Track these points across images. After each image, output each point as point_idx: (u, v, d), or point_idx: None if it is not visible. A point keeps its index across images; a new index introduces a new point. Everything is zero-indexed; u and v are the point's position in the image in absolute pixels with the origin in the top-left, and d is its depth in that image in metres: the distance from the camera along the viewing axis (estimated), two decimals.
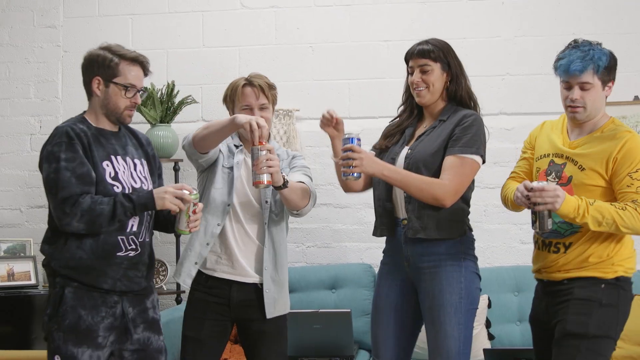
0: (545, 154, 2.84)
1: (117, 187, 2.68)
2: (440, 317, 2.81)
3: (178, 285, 4.48)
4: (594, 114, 2.75)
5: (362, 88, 4.70)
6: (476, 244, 2.97)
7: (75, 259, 2.62)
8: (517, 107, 4.53)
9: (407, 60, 2.99)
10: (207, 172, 3.04)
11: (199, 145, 2.90)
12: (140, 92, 2.76)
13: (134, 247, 2.70)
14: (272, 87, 3.04)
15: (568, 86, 2.73)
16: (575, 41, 2.76)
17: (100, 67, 2.69)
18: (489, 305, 4.17)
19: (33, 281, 4.52)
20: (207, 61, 4.79)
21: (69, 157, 2.59)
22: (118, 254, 2.66)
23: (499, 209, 4.31)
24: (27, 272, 4.51)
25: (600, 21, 4.45)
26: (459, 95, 2.94)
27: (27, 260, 4.56)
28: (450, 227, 2.85)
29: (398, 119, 3.08)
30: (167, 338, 2.90)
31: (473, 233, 2.97)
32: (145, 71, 2.77)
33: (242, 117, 2.75)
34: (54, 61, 4.89)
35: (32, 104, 4.91)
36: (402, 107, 3.08)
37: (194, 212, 2.66)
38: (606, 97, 2.78)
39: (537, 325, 2.89)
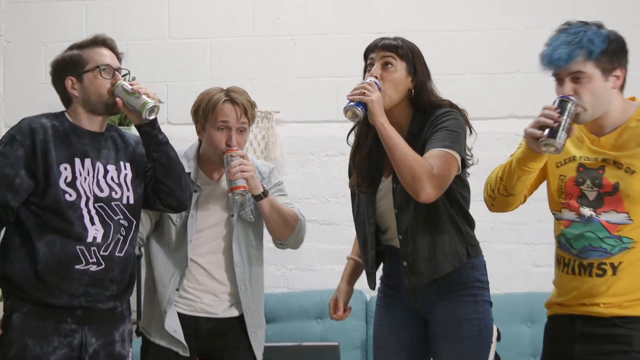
0: (569, 158, 2.46)
1: (70, 195, 2.57)
2: (462, 351, 2.73)
3: (137, 314, 4.28)
4: (599, 111, 2.38)
5: (352, 87, 4.42)
6: None
7: (28, 270, 2.55)
8: (529, 110, 4.20)
9: (366, 55, 2.77)
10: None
11: None
12: (121, 71, 2.73)
13: (95, 260, 2.59)
14: (253, 105, 2.98)
15: (559, 79, 2.43)
16: (567, 23, 2.42)
17: (66, 67, 2.70)
18: (499, 338, 3.76)
19: None
20: (173, 55, 4.72)
21: (4, 153, 2.60)
22: (76, 266, 2.56)
23: (509, 225, 4.43)
24: None
25: (623, 11, 4.36)
26: (422, 102, 2.72)
27: None
28: (451, 257, 2.71)
29: (358, 146, 2.81)
30: None
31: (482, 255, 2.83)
32: (113, 50, 2.75)
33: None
34: None
35: None
36: (358, 129, 2.81)
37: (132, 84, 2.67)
38: (614, 89, 2.40)
39: None
